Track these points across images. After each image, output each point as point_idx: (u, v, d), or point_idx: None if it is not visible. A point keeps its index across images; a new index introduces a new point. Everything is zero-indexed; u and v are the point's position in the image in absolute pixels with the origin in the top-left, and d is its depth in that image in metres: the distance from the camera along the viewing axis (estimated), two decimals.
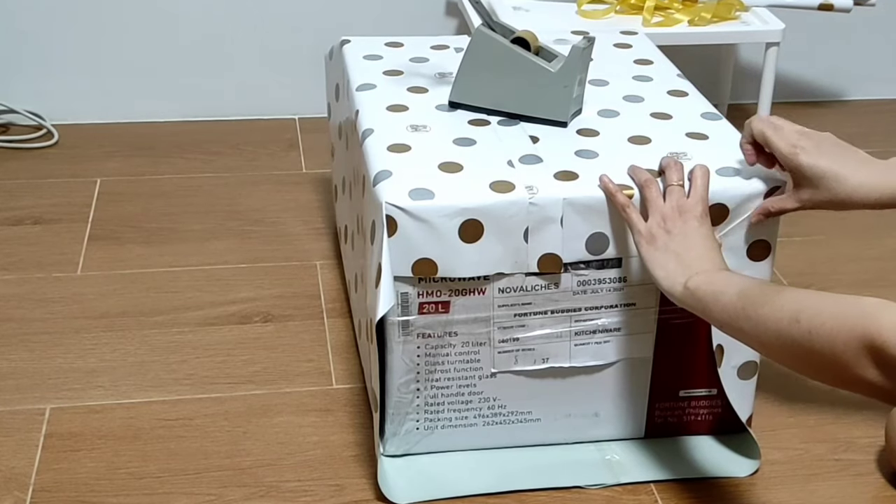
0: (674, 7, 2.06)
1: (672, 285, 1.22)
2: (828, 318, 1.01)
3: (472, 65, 1.46)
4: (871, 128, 2.42)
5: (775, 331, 1.06)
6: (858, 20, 2.32)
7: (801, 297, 1.06)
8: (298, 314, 1.71)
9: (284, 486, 1.37)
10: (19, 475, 1.37)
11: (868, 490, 1.38)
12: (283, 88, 2.36)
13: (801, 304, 1.05)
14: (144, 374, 1.56)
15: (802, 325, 1.03)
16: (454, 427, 1.40)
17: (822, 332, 1.01)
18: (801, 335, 1.03)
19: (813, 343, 1.02)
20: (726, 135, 1.44)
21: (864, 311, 0.98)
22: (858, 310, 0.99)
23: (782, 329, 1.05)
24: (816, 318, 1.02)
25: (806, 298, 1.06)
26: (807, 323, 1.03)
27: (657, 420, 1.44)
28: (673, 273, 1.23)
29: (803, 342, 1.03)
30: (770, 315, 1.07)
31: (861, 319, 0.98)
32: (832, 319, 1.00)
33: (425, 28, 2.29)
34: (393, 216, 1.25)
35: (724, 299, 1.15)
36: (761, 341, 1.10)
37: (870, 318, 0.97)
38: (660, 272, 1.24)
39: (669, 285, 1.23)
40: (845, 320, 0.99)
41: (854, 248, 1.93)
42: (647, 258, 1.26)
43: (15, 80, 2.26)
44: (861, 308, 0.99)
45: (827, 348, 1.00)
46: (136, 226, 1.94)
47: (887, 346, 0.95)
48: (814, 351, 1.02)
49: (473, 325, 1.33)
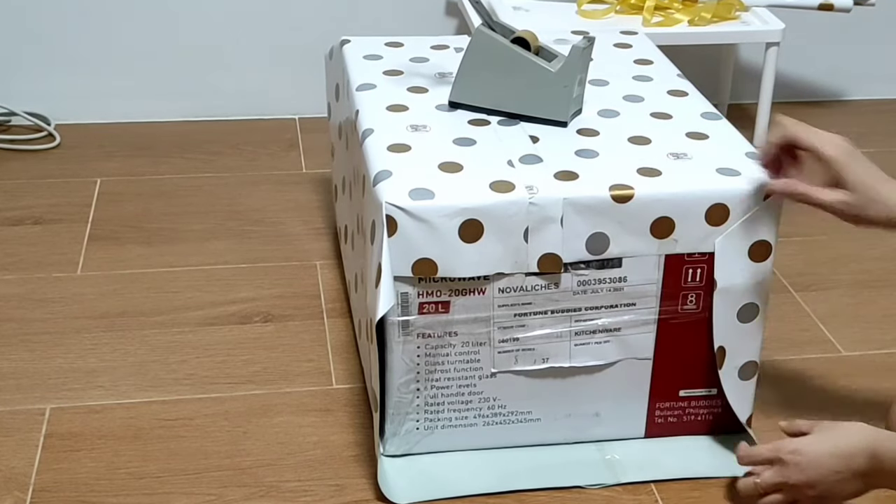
0: (674, 7, 2.05)
1: (859, 494, 1.26)
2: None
3: (472, 65, 1.46)
4: (871, 128, 2.42)
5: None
6: (858, 20, 2.32)
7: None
8: (298, 314, 1.71)
9: (284, 486, 1.37)
10: (19, 475, 1.37)
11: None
12: (283, 88, 2.36)
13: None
14: (144, 374, 1.56)
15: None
16: (454, 427, 1.40)
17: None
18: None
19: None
20: (726, 135, 1.44)
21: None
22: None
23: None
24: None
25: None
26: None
27: (657, 420, 1.43)
28: (853, 491, 1.26)
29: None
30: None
31: None
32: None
33: (425, 28, 2.29)
34: (393, 216, 1.25)
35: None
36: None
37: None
38: (847, 500, 1.27)
39: (858, 495, 1.26)
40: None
41: (854, 248, 1.93)
42: (834, 498, 1.27)
43: (15, 80, 2.26)
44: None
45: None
46: (136, 226, 1.94)
47: None
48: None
49: (473, 325, 1.33)
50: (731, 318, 1.36)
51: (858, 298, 1.79)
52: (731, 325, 1.36)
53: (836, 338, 1.68)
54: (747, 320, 1.37)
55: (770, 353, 1.56)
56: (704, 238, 1.32)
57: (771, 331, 1.45)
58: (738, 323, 1.36)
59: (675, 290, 1.35)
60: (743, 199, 1.31)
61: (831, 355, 1.64)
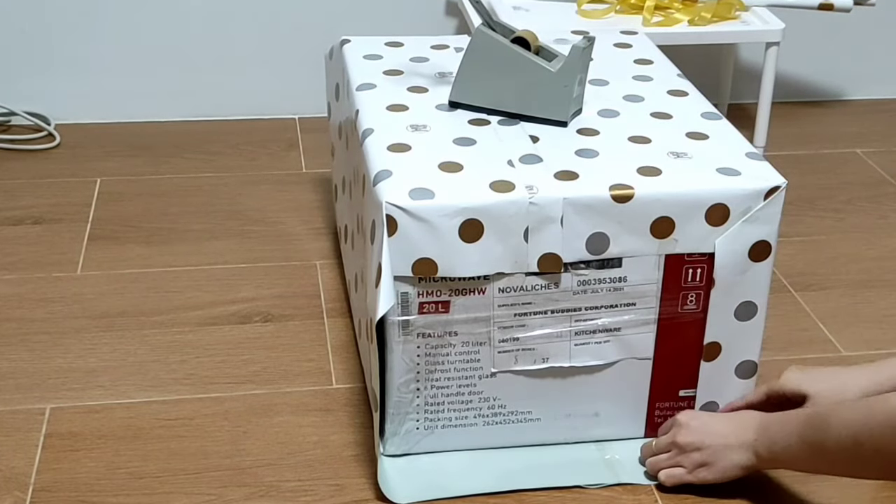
0: (674, 7, 2.05)
1: (745, 466, 1.29)
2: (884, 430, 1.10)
3: (472, 65, 1.46)
4: (871, 128, 2.42)
5: (849, 463, 1.16)
6: (858, 20, 2.32)
7: (848, 421, 1.14)
8: (298, 314, 1.71)
9: (284, 485, 1.37)
10: (19, 475, 1.37)
11: (867, 490, 1.38)
12: (283, 88, 2.36)
13: (851, 427, 1.13)
14: (144, 374, 1.56)
15: (867, 448, 1.12)
16: (454, 427, 1.40)
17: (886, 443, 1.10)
18: (871, 455, 1.12)
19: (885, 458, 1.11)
20: (726, 134, 1.44)
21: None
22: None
23: (855, 460, 1.14)
24: (876, 438, 1.11)
25: (853, 421, 1.13)
26: (869, 444, 1.11)
27: (657, 420, 1.43)
28: (737, 460, 1.29)
29: (876, 460, 1.12)
30: (837, 450, 1.15)
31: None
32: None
33: (425, 28, 2.29)
34: (393, 216, 1.25)
35: (792, 451, 1.22)
36: (841, 470, 1.20)
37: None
38: (734, 471, 1.31)
39: (747, 468, 1.30)
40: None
41: (854, 248, 1.93)
42: (718, 477, 1.32)
43: (15, 80, 2.26)
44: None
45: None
46: (136, 226, 1.94)
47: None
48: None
49: (473, 324, 1.33)
50: (729, 315, 1.36)
51: (858, 298, 1.79)
52: (728, 322, 1.36)
53: (836, 338, 1.68)
54: (746, 319, 1.37)
55: (770, 352, 1.56)
56: (704, 238, 1.32)
57: (771, 330, 1.45)
58: (736, 321, 1.36)
59: (675, 290, 1.35)
60: (743, 199, 1.31)
61: (831, 355, 1.64)
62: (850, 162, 2.26)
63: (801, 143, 2.32)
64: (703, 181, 1.32)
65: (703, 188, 1.31)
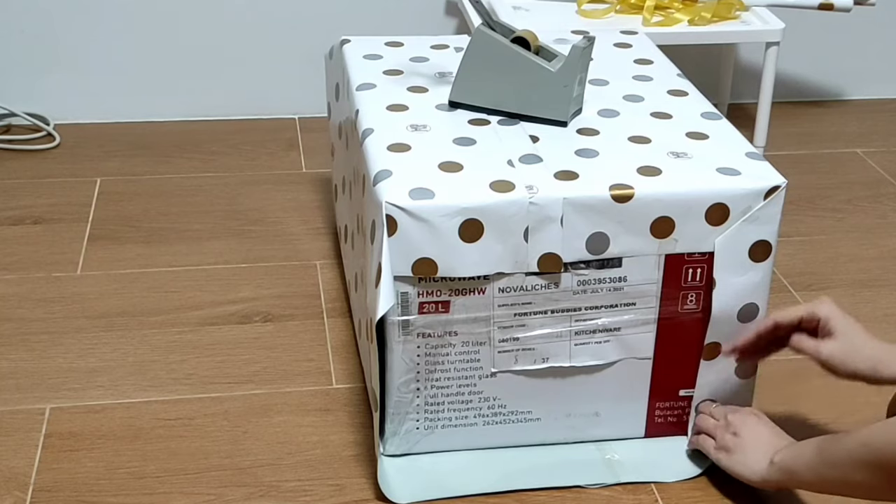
0: (674, 7, 2.05)
1: (757, 472, 1.30)
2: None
3: (472, 64, 1.46)
4: (871, 128, 2.42)
5: (851, 471, 1.14)
6: (858, 20, 2.32)
7: (866, 432, 1.12)
8: (298, 314, 1.71)
9: (284, 485, 1.37)
10: (19, 475, 1.37)
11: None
12: (283, 88, 2.36)
13: (867, 437, 1.12)
14: (144, 373, 1.56)
15: (873, 456, 1.10)
16: (454, 427, 1.40)
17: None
18: (875, 464, 1.10)
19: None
20: (726, 134, 1.44)
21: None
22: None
23: (865, 467, 1.12)
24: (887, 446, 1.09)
25: (870, 432, 1.12)
26: (877, 453, 1.10)
27: (657, 420, 1.43)
28: (753, 463, 1.30)
29: (881, 472, 1.10)
30: (847, 457, 1.14)
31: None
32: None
33: (425, 28, 2.29)
34: (393, 216, 1.25)
35: (805, 458, 1.22)
36: (846, 482, 1.16)
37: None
38: (744, 470, 1.31)
39: (757, 475, 1.30)
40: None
41: (854, 248, 1.93)
42: (729, 466, 1.33)
43: (15, 80, 2.26)
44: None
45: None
46: (136, 226, 1.94)
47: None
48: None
49: (473, 324, 1.33)
50: (731, 317, 1.36)
51: (858, 298, 1.79)
52: (728, 322, 1.36)
53: None
54: (746, 319, 1.37)
55: None
56: (704, 238, 1.32)
57: None
58: (736, 321, 1.36)
59: (675, 289, 1.35)
60: (743, 199, 1.31)
61: None
62: (851, 162, 2.26)
63: (801, 142, 2.32)
64: (703, 181, 1.32)
65: (703, 188, 1.31)
